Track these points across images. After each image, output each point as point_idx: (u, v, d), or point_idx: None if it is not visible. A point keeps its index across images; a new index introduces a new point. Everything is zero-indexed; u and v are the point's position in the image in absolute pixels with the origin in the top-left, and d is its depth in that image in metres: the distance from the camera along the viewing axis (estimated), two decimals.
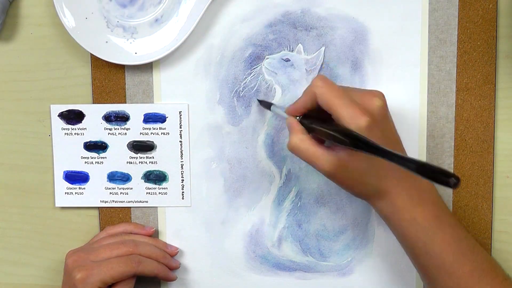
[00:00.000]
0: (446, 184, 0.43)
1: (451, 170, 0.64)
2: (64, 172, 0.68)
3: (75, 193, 0.68)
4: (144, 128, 0.66)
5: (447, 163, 0.64)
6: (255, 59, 0.65)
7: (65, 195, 0.68)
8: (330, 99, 0.54)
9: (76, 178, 0.68)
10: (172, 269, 0.66)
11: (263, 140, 0.67)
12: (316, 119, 0.57)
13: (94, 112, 0.67)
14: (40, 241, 0.70)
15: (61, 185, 0.68)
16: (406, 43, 0.63)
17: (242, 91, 0.66)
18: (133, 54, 0.64)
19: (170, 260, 0.66)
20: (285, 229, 0.68)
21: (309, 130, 0.57)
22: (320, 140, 0.57)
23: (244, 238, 0.68)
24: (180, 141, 0.66)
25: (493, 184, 0.64)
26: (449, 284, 0.57)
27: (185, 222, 0.68)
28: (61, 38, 0.67)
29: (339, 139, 0.52)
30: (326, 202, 0.67)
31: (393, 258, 0.67)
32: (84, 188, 0.68)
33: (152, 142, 0.67)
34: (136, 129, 0.67)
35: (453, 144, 0.64)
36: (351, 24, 0.64)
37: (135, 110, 0.66)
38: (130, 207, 0.68)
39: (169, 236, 0.68)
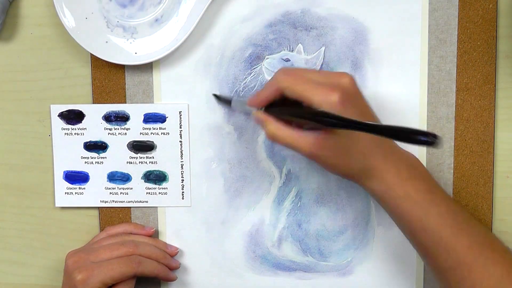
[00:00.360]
0: (426, 143, 0.44)
1: (451, 170, 0.65)
2: (64, 172, 0.68)
3: (75, 193, 0.68)
4: (144, 128, 0.66)
5: (447, 163, 0.64)
6: (255, 59, 0.65)
7: (65, 195, 0.68)
8: (297, 88, 0.54)
9: (76, 178, 0.68)
10: (172, 269, 0.67)
11: (263, 140, 0.67)
12: (281, 106, 0.56)
13: (94, 112, 0.67)
14: (40, 241, 0.70)
15: (61, 185, 0.68)
16: (406, 43, 0.63)
17: (242, 91, 0.66)
18: (133, 54, 0.64)
19: (170, 260, 0.66)
20: (285, 229, 0.68)
21: (279, 118, 0.56)
22: (296, 126, 0.57)
23: (244, 238, 0.68)
24: (180, 141, 0.66)
25: (493, 184, 0.64)
26: (448, 260, 0.56)
27: (185, 222, 0.68)
28: (61, 38, 0.67)
29: (312, 118, 0.51)
30: (326, 202, 0.67)
31: (393, 258, 0.67)
32: (84, 188, 0.68)
33: (152, 142, 0.67)
34: (136, 129, 0.67)
35: (453, 144, 0.64)
36: (351, 24, 0.64)
37: (135, 110, 0.66)
38: (130, 207, 0.68)
39: (169, 236, 0.68)
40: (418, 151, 0.64)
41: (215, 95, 0.65)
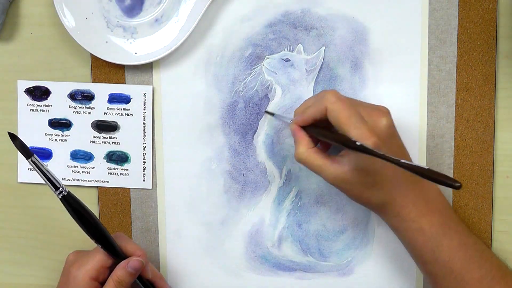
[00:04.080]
0: (450, 186, 0.46)
1: (451, 170, 0.65)
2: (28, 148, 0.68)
3: None
4: (108, 108, 0.67)
5: (447, 163, 0.64)
6: (255, 59, 0.65)
7: (27, 170, 0.68)
8: (341, 117, 0.55)
9: (39, 154, 0.68)
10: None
11: (263, 140, 0.67)
12: (319, 126, 0.58)
13: (60, 90, 0.67)
14: (40, 241, 0.70)
15: (24, 161, 0.68)
16: (406, 43, 0.63)
17: (242, 91, 0.66)
18: (133, 54, 0.64)
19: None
20: (285, 229, 0.67)
21: (314, 136, 0.58)
22: (324, 146, 0.60)
23: (244, 238, 0.68)
24: (143, 123, 0.66)
25: (493, 184, 0.64)
26: None
27: (185, 222, 0.68)
28: (61, 38, 0.67)
29: (349, 146, 0.53)
30: (326, 202, 0.67)
31: (393, 258, 0.67)
32: (47, 165, 0.68)
33: (116, 122, 0.67)
34: (100, 109, 0.67)
35: (453, 144, 0.64)
36: (351, 24, 0.64)
37: (101, 90, 0.66)
38: (130, 209, 0.68)
39: (169, 236, 0.68)
40: (419, 150, 0.64)
41: (266, 112, 0.66)
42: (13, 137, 0.57)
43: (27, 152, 0.57)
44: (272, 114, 0.65)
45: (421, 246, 0.57)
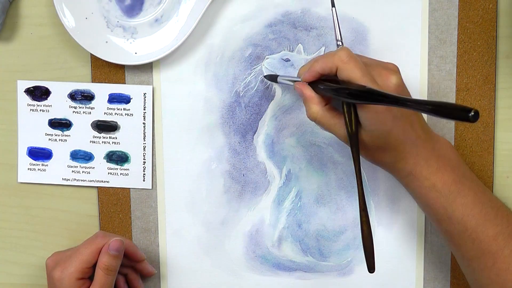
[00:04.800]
0: (466, 119, 0.43)
1: None
2: (28, 148, 0.68)
3: (38, 169, 0.68)
4: (108, 108, 0.67)
5: None
6: (255, 59, 0.65)
7: (27, 171, 0.69)
8: (353, 77, 0.54)
9: (40, 154, 0.68)
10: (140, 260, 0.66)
11: (263, 140, 0.67)
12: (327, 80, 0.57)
13: (60, 90, 0.67)
14: (40, 241, 0.70)
15: (24, 161, 0.68)
16: (406, 43, 0.63)
17: (242, 91, 0.66)
18: (133, 54, 0.64)
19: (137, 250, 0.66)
20: (285, 229, 0.68)
21: (320, 90, 0.57)
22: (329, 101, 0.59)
23: (244, 238, 0.68)
24: (143, 123, 0.66)
25: (493, 184, 0.64)
26: (472, 249, 0.56)
27: (185, 222, 0.68)
28: (61, 38, 0.67)
29: (357, 96, 0.53)
30: (326, 202, 0.67)
31: (393, 258, 0.67)
32: (47, 165, 0.68)
33: (116, 122, 0.67)
34: (100, 109, 0.67)
35: (453, 144, 0.64)
36: (351, 24, 0.64)
37: (101, 90, 0.67)
38: (130, 209, 0.68)
39: (169, 236, 0.68)
40: None
41: (264, 76, 0.65)
42: None
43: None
44: (274, 77, 0.63)
45: (434, 204, 0.56)
